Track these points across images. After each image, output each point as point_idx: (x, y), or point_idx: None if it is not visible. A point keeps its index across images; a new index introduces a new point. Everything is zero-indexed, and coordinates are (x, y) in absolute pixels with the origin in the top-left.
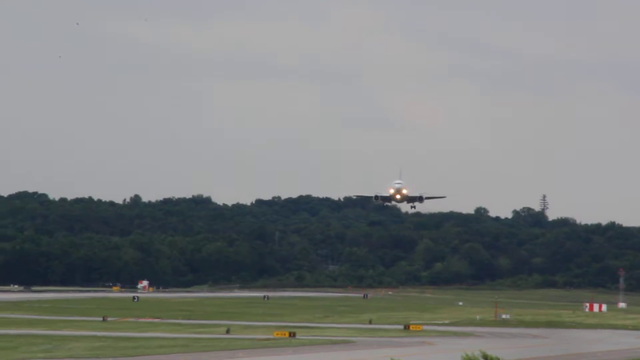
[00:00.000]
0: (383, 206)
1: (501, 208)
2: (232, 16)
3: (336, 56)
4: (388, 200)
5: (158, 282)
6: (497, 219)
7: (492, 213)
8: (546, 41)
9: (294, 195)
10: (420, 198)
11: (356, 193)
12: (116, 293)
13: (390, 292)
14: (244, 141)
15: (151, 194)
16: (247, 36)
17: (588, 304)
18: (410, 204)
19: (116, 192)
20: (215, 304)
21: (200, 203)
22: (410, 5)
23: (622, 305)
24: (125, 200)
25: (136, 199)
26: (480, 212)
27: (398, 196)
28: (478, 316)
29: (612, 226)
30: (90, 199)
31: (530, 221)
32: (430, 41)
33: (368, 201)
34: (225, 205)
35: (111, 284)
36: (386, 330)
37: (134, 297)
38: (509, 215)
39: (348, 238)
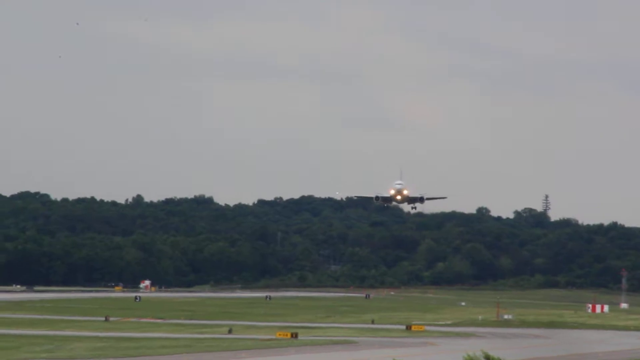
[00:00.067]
0: (384, 207)
1: (502, 208)
2: (232, 16)
3: (336, 56)
4: (389, 201)
5: (160, 282)
6: (499, 219)
7: (494, 213)
8: (546, 41)
9: (296, 195)
10: (421, 199)
11: (357, 194)
12: (118, 293)
13: (392, 293)
14: (244, 141)
15: (152, 194)
16: (247, 36)
17: (590, 305)
18: (410, 205)
19: (117, 193)
20: (217, 304)
21: (202, 203)
22: (410, 5)
23: (625, 305)
24: (127, 200)
25: (138, 199)
26: (482, 212)
27: (399, 197)
28: (480, 316)
29: (615, 226)
30: (92, 199)
31: (532, 222)
32: (430, 41)
33: (369, 202)
34: (227, 205)
35: (113, 284)
36: (388, 330)
37: (136, 297)
38: (510, 215)
39: (350, 238)
